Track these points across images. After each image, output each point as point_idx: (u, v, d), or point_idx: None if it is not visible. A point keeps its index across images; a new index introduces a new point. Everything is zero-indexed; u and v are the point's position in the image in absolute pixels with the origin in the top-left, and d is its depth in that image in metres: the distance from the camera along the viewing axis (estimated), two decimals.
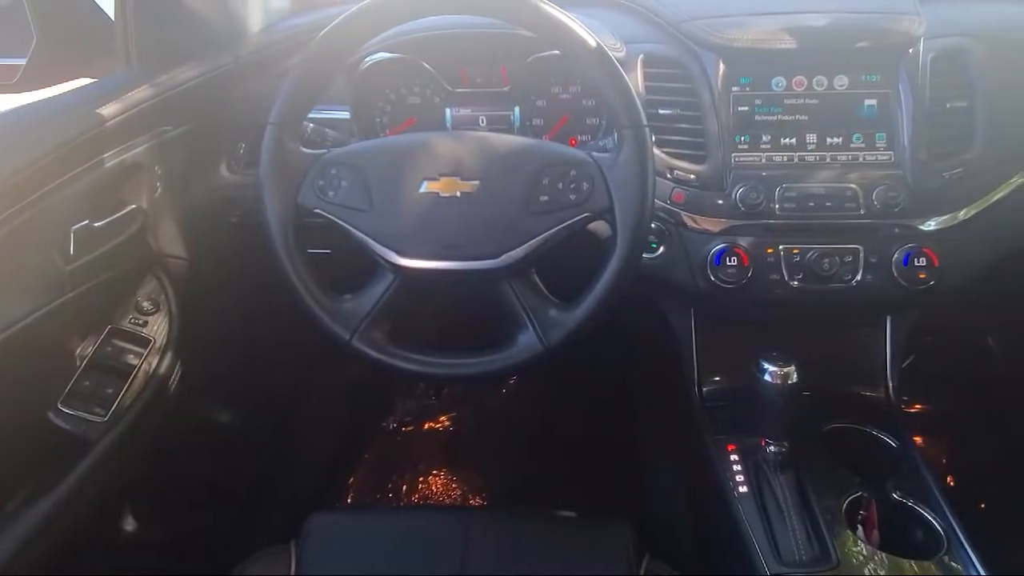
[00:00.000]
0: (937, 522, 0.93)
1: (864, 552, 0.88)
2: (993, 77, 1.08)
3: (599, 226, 0.91)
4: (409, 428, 1.83)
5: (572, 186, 0.89)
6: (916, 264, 1.02)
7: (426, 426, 1.83)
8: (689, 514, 1.25)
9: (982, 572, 0.86)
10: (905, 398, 1.82)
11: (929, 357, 1.81)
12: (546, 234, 0.89)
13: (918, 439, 1.77)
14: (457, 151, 0.91)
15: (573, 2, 1.28)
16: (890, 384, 1.13)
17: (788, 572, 0.87)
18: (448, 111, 1.20)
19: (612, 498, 1.46)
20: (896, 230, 1.04)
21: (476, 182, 0.89)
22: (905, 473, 1.01)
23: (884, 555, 0.88)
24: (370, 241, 0.90)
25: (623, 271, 0.88)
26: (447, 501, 1.65)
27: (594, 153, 0.90)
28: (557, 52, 0.99)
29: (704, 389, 1.16)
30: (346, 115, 1.15)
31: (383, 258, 0.90)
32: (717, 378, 1.16)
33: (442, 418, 1.86)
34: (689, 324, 1.16)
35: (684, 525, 1.25)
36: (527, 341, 0.90)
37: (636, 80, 1.11)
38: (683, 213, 1.07)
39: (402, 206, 0.90)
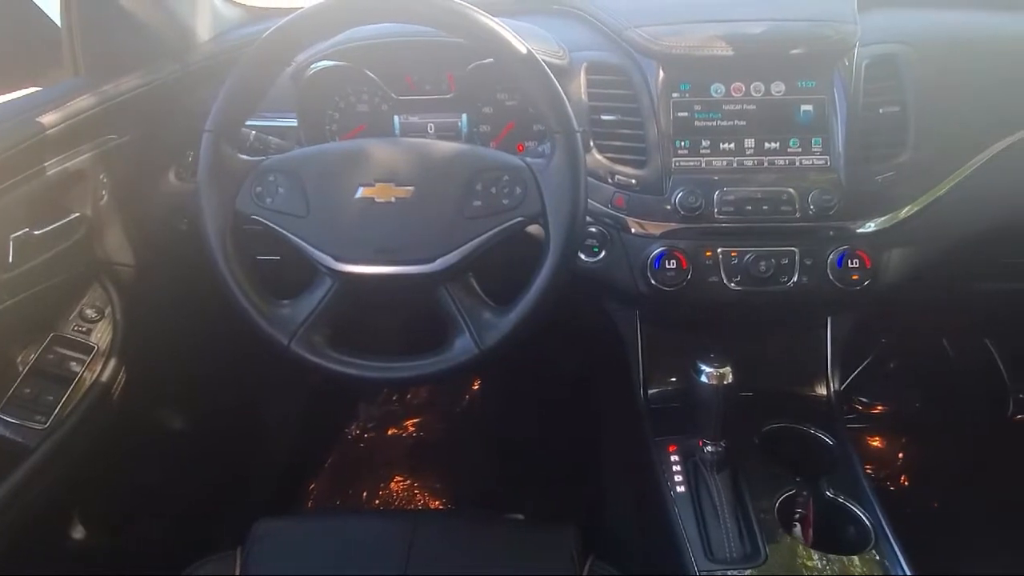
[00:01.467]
0: (868, 519, 0.94)
1: (793, 548, 0.90)
2: (925, 82, 1.10)
3: (538, 230, 0.93)
4: (372, 434, 1.83)
5: (506, 191, 0.90)
6: (850, 266, 1.04)
7: (390, 431, 1.84)
8: (635, 515, 1.26)
9: (905, 568, 0.88)
10: (864, 399, 1.86)
11: (886, 358, 1.84)
12: (480, 238, 0.90)
13: (877, 439, 1.81)
14: (393, 157, 0.92)
15: (523, 10, 1.32)
16: (831, 384, 1.15)
17: (717, 569, 0.88)
18: (396, 119, 1.22)
19: (571, 500, 1.47)
20: (831, 233, 1.06)
21: (411, 188, 0.90)
22: (840, 471, 1.03)
23: (812, 551, 0.90)
24: (307, 247, 0.91)
25: (556, 275, 0.89)
26: (409, 506, 1.65)
27: (528, 158, 0.92)
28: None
29: (650, 391, 1.17)
30: (295, 123, 1.16)
31: (321, 264, 0.91)
32: (663, 380, 1.17)
33: (406, 423, 1.86)
34: (634, 327, 1.18)
35: (630, 526, 1.26)
36: (463, 344, 0.91)
37: (579, 87, 1.13)
38: (624, 217, 1.08)
39: (338, 212, 0.91)
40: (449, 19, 0.90)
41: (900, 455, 1.78)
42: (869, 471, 1.71)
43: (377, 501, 1.67)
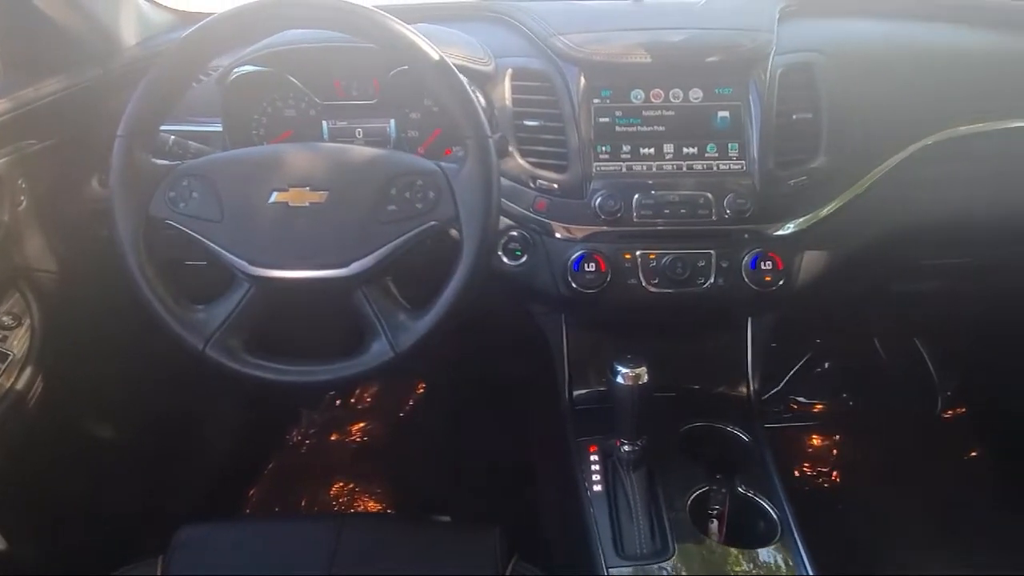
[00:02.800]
0: (776, 513, 0.97)
1: (701, 543, 0.92)
2: (838, 90, 1.13)
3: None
4: (315, 439, 1.83)
5: (419, 195, 0.91)
6: (763, 267, 1.07)
7: (333, 437, 1.83)
8: (559, 515, 1.28)
9: (806, 560, 0.90)
10: (801, 399, 1.91)
11: (821, 358, 1.89)
12: (395, 243, 0.91)
13: (813, 437, 1.86)
14: (307, 162, 0.93)
15: (456, 16, 1.33)
16: (751, 384, 1.18)
17: (626, 565, 0.90)
18: (325, 124, 1.22)
19: (508, 502, 1.48)
20: (746, 235, 1.09)
21: (325, 192, 0.91)
22: (755, 468, 1.05)
23: (718, 545, 0.92)
24: (222, 251, 0.91)
25: (471, 278, 0.90)
26: (348, 512, 1.65)
27: (443, 163, 0.93)
28: None
29: (576, 392, 1.19)
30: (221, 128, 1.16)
31: (236, 268, 0.91)
32: (588, 381, 1.19)
33: (350, 429, 1.86)
34: (560, 329, 1.20)
35: (555, 526, 1.28)
36: (379, 348, 0.92)
37: (504, 93, 1.14)
38: (546, 221, 1.10)
39: (253, 217, 0.91)
40: (360, 25, 0.91)
41: (835, 452, 1.82)
42: (807, 468, 1.77)
43: (316, 507, 1.66)
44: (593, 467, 1.04)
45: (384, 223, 0.91)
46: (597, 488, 1.02)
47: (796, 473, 1.75)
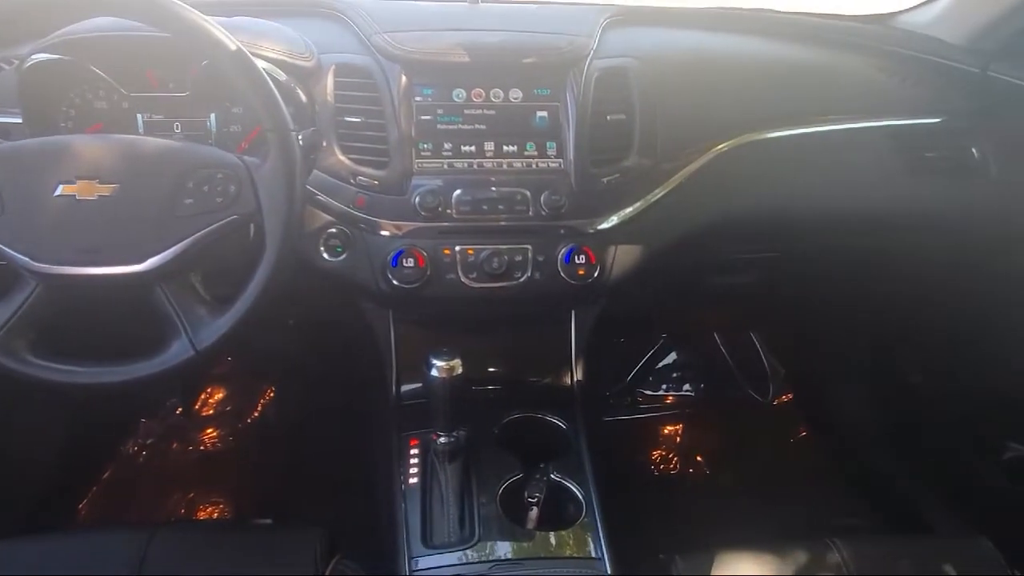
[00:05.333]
0: (582, 496, 1.01)
1: (505, 528, 0.95)
2: (651, 93, 1.19)
3: None
4: (153, 449, 1.75)
5: (219, 189, 0.89)
6: (576, 261, 1.11)
7: (174, 446, 1.76)
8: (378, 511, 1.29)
9: (602, 538, 0.95)
10: (647, 390, 1.99)
11: (666, 351, 1.99)
12: (193, 237, 0.89)
13: (661, 426, 1.95)
14: (97, 154, 0.89)
15: (279, 11, 1.30)
16: (574, 374, 1.22)
17: (431, 553, 0.92)
18: (139, 117, 1.17)
19: (346, 502, 1.47)
20: (561, 231, 1.13)
21: (115, 185, 0.88)
22: (570, 456, 1.09)
23: (522, 529, 0.95)
24: (2, 247, 0.86)
25: (273, 274, 0.89)
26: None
27: (245, 157, 0.91)
28: None
29: (405, 388, 1.20)
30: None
31: (19, 265, 0.87)
32: (415, 376, 1.20)
33: (193, 436, 1.79)
34: (387, 325, 1.20)
35: (379, 522, 1.29)
36: (179, 346, 0.90)
37: (326, 88, 1.13)
38: (365, 217, 1.10)
39: (36, 210, 0.87)
40: (152, 13, 0.88)
41: (676, 440, 1.92)
42: (650, 456, 1.85)
43: (153, 519, 1.59)
44: (412, 460, 1.05)
45: (181, 217, 0.89)
46: (413, 481, 1.02)
47: (634, 461, 1.83)
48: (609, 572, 0.93)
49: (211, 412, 1.84)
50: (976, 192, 1.30)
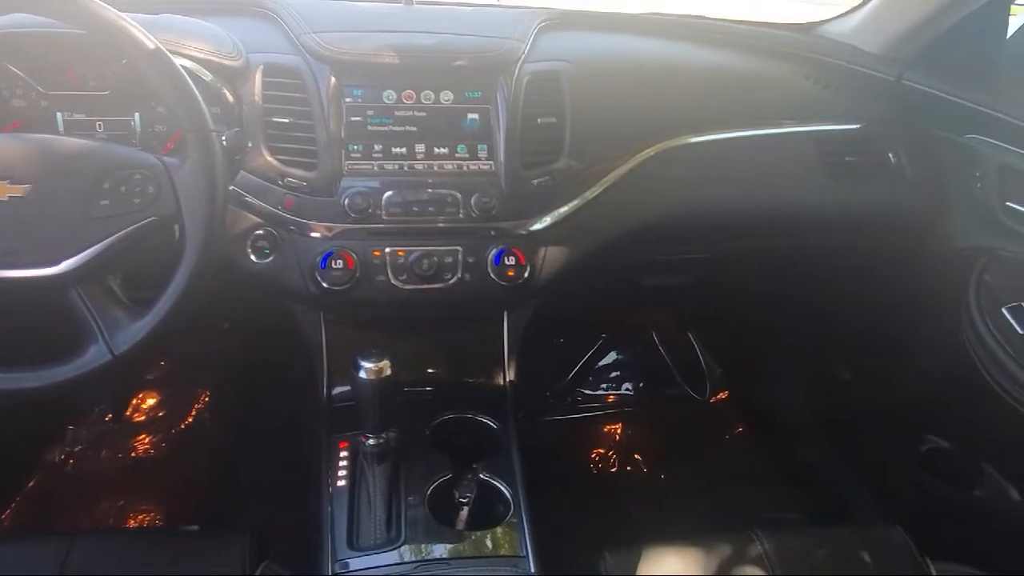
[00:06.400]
0: (510, 495, 1.02)
1: (431, 528, 0.96)
2: (581, 97, 1.20)
3: None
4: (82, 457, 1.70)
5: (137, 190, 0.88)
6: (506, 263, 1.12)
7: (103, 453, 1.71)
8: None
9: (527, 538, 0.96)
10: (587, 390, 2.02)
11: (606, 351, 2.01)
12: (110, 240, 0.87)
13: (600, 425, 1.97)
14: (8, 154, 0.87)
15: (209, 9, 1.28)
16: (507, 374, 1.23)
17: (355, 556, 0.91)
18: (59, 116, 1.14)
19: (279, 506, 1.45)
20: (492, 232, 1.13)
21: (27, 186, 0.85)
22: (500, 455, 1.10)
23: (449, 529, 0.96)
24: None
25: (193, 277, 0.88)
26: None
27: (165, 157, 0.90)
28: None
29: (337, 390, 1.19)
30: None
31: None
32: (346, 378, 1.19)
33: (124, 443, 1.74)
34: (319, 327, 1.19)
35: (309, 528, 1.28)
36: (95, 351, 0.88)
37: (254, 89, 1.12)
38: (294, 219, 1.09)
39: None
40: (69, 11, 0.86)
41: (617, 438, 1.94)
42: (588, 455, 1.87)
43: (80, 528, 1.54)
44: (340, 463, 1.05)
45: (97, 219, 0.87)
46: (341, 484, 1.02)
47: (574, 460, 1.85)
48: (533, 570, 0.94)
49: (143, 418, 1.79)
50: (893, 194, 1.35)
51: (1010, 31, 1.35)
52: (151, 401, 1.83)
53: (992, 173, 1.25)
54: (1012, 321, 1.20)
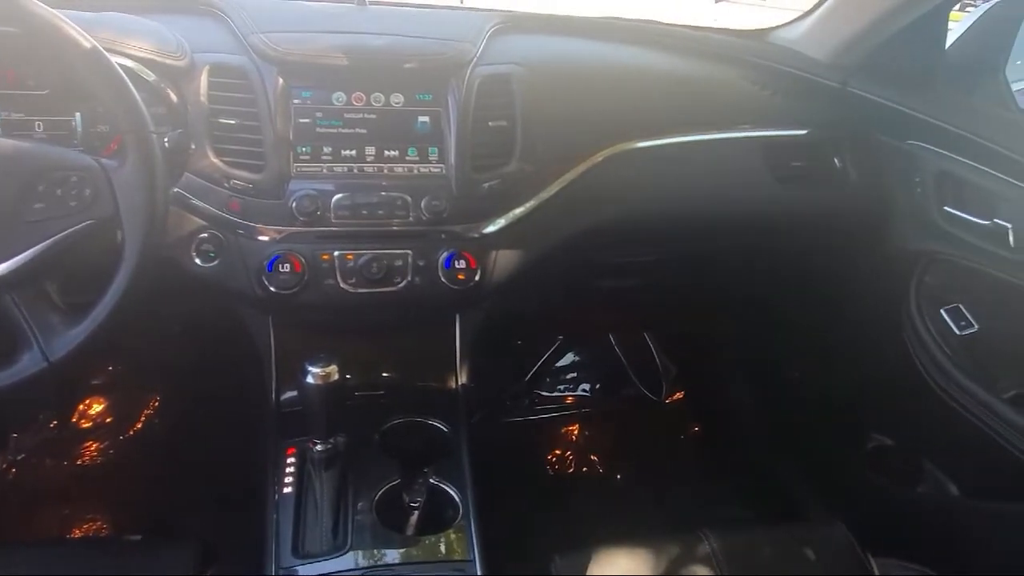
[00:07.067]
0: (460, 499, 1.02)
1: (378, 534, 0.95)
2: (533, 100, 1.21)
3: None
4: (24, 465, 1.65)
5: (74, 192, 0.86)
6: (456, 266, 1.12)
7: (48, 461, 1.67)
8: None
9: (475, 542, 0.96)
10: (544, 391, 2.02)
11: (563, 353, 2.02)
12: (45, 244, 0.85)
13: (558, 426, 1.98)
14: None
15: (155, 7, 1.26)
16: (458, 377, 1.23)
17: (300, 564, 0.91)
18: None
19: (234, 515, 1.43)
20: (442, 236, 1.13)
21: None
22: (452, 459, 1.10)
23: (396, 534, 0.96)
24: None
25: (132, 281, 0.86)
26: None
27: (102, 159, 0.88)
28: None
29: (286, 395, 1.17)
30: None
31: None
32: (296, 383, 1.18)
33: (70, 450, 1.70)
34: (267, 332, 1.17)
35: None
36: (30, 358, 0.86)
37: (200, 89, 1.10)
38: (240, 222, 1.08)
39: None
40: (1, 9, 0.83)
41: (574, 439, 1.95)
42: (546, 457, 1.87)
43: (19, 538, 1.50)
44: (288, 469, 1.04)
45: (31, 222, 0.85)
46: (287, 491, 1.01)
47: (531, 462, 1.86)
48: (480, 573, 0.94)
49: (89, 424, 1.75)
50: (838, 198, 1.38)
51: (949, 41, 1.39)
52: (98, 407, 1.78)
53: (931, 178, 1.28)
54: (949, 322, 1.24)
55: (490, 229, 1.16)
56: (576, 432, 1.97)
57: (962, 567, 1.20)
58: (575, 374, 2.06)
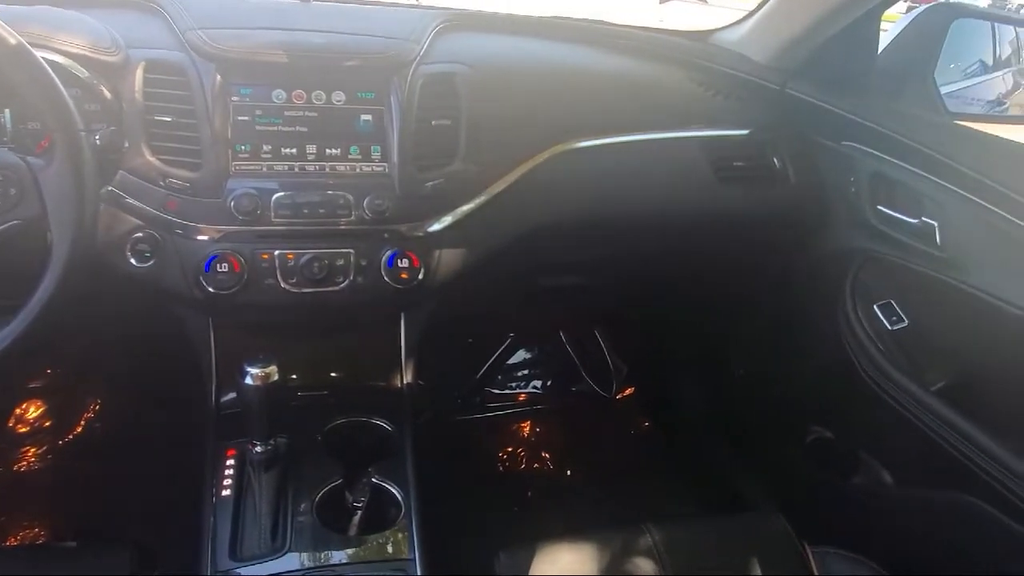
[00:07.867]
0: (402, 498, 1.02)
1: (318, 535, 0.95)
2: (477, 100, 1.21)
3: None
4: None
5: None
6: (399, 265, 1.11)
7: None
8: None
9: (415, 540, 0.96)
10: (495, 389, 2.03)
11: (514, 351, 2.03)
12: None
13: (511, 424, 1.98)
14: None
15: (91, 2, 1.22)
16: (404, 376, 1.22)
17: (237, 567, 0.90)
18: None
19: (174, 519, 1.41)
20: (385, 235, 1.13)
21: None
22: (395, 458, 1.10)
23: (336, 535, 0.95)
24: None
25: (62, 282, 0.84)
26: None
27: (29, 158, 0.86)
28: None
29: (227, 396, 1.16)
30: None
31: None
32: (236, 384, 1.16)
33: (7, 456, 1.65)
34: (206, 332, 1.15)
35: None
36: None
37: (135, 85, 1.08)
38: (177, 221, 1.06)
39: None
40: None
41: (525, 436, 1.97)
42: (497, 455, 1.88)
43: None
44: (227, 471, 1.02)
45: None
46: (226, 493, 1.00)
47: (482, 460, 1.86)
48: (420, 572, 0.94)
49: (26, 429, 1.70)
50: (778, 198, 1.42)
51: (881, 46, 1.43)
52: (35, 411, 1.73)
53: (865, 179, 1.32)
54: (882, 318, 1.28)
55: (434, 228, 1.16)
56: (527, 429, 1.98)
57: (894, 552, 1.24)
58: (526, 371, 2.07)
